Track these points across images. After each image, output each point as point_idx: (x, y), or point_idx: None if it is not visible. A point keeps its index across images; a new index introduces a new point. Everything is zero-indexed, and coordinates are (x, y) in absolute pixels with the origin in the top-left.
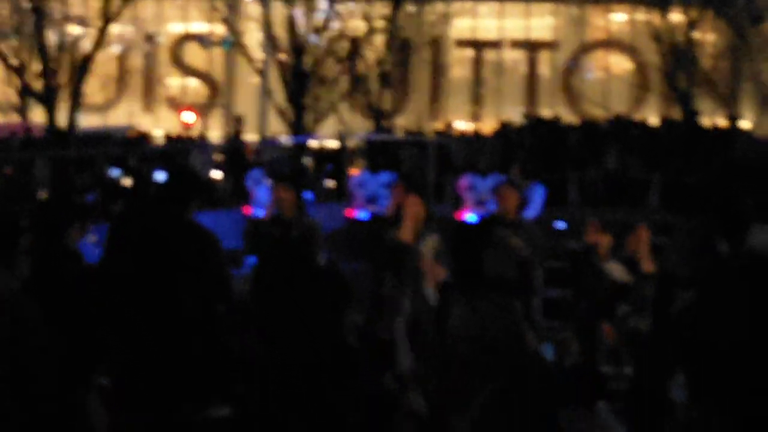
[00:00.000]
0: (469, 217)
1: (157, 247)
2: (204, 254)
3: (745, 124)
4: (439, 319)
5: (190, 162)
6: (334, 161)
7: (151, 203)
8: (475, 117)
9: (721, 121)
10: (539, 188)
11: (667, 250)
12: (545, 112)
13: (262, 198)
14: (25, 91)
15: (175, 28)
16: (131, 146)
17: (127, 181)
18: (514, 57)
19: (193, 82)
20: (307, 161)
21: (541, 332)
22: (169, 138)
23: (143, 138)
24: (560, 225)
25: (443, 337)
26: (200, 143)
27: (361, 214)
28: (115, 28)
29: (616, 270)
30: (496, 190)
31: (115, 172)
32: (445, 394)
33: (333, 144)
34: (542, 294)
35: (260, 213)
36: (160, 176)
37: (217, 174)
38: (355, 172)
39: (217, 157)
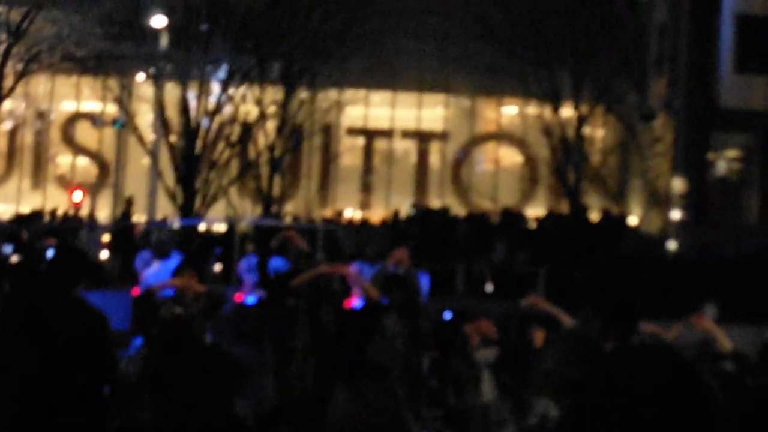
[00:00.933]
0: (357, 304)
1: (41, 325)
2: (91, 332)
3: (632, 220)
4: (318, 402)
5: (78, 241)
6: (222, 245)
7: (40, 280)
8: (365, 205)
9: (610, 215)
10: (424, 276)
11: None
12: (434, 202)
13: (150, 279)
14: None
15: (67, 106)
16: (23, 222)
17: (15, 258)
18: (405, 147)
19: (84, 161)
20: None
21: (425, 422)
22: (57, 216)
23: (36, 215)
24: (447, 315)
25: (322, 421)
26: (89, 223)
27: (249, 298)
28: (6, 104)
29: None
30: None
31: (6, 249)
32: None
33: (221, 228)
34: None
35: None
36: (50, 253)
37: (104, 254)
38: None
39: (105, 237)
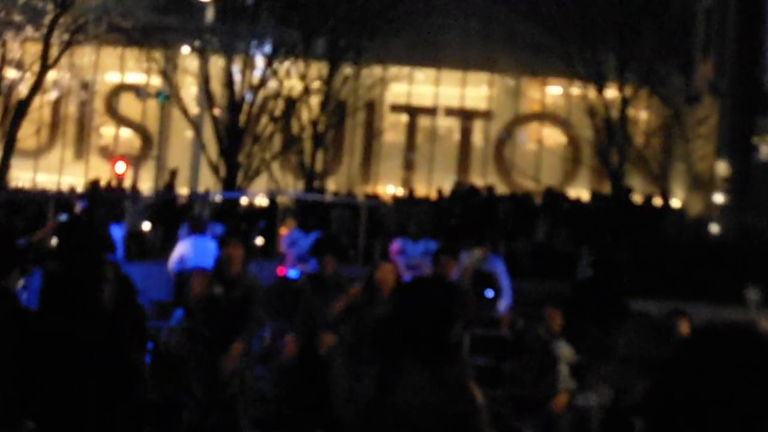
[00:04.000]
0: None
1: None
2: (124, 301)
3: (675, 202)
4: (379, 388)
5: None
6: (265, 219)
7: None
8: (407, 182)
9: (653, 199)
10: (499, 260)
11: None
12: (477, 181)
13: (185, 253)
14: None
15: (112, 77)
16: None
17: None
18: (448, 125)
19: (127, 133)
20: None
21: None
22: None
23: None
24: (489, 294)
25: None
26: (132, 194)
27: (291, 272)
28: (51, 75)
29: (565, 351)
30: (435, 258)
31: (63, 217)
32: None
33: (263, 202)
34: (469, 362)
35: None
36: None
37: (146, 226)
38: (285, 230)
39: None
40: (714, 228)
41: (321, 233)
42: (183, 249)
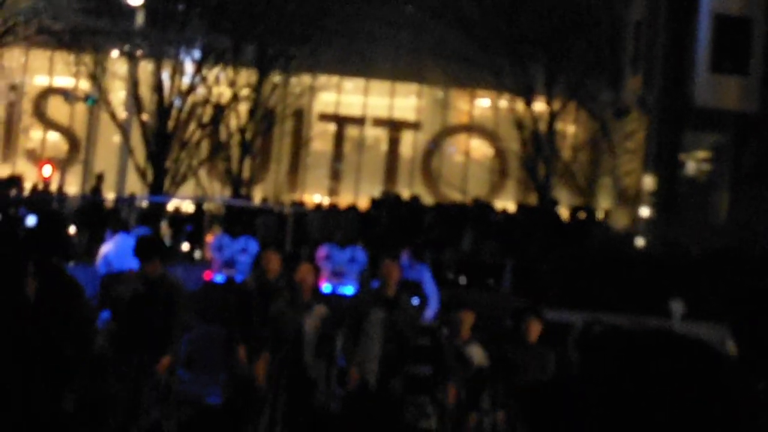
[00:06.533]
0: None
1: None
2: (68, 301)
3: (601, 216)
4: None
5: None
6: (191, 224)
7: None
8: (333, 192)
9: (579, 211)
10: (425, 268)
11: None
12: (404, 191)
13: (109, 254)
14: None
15: (40, 80)
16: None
17: None
18: (376, 135)
19: (54, 136)
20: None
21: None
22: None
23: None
24: (415, 301)
25: None
26: (58, 197)
27: (217, 277)
28: None
29: (476, 353)
30: (383, 266)
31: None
32: None
33: (190, 207)
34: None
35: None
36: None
37: (72, 229)
38: (211, 237)
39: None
40: (639, 241)
41: (249, 237)
42: (107, 248)
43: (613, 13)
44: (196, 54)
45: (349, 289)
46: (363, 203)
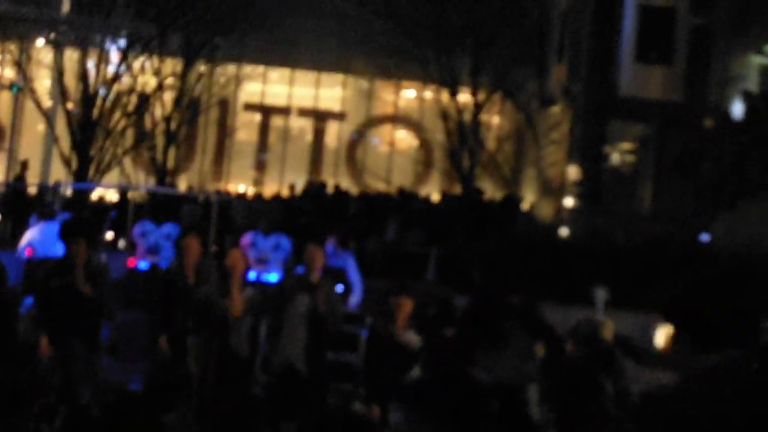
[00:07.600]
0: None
1: None
2: None
3: (525, 206)
4: None
5: None
6: (115, 212)
7: None
8: (258, 181)
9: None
10: (350, 256)
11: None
12: (329, 181)
13: (34, 240)
14: None
15: None
16: None
17: None
18: (301, 125)
19: None
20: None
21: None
22: None
23: None
24: (339, 288)
25: None
26: None
27: (141, 263)
28: None
29: (413, 341)
30: (306, 251)
31: None
32: None
33: (114, 195)
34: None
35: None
36: None
37: None
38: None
39: None
40: (564, 231)
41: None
42: (31, 235)
43: (540, 3)
44: (122, 42)
45: (273, 276)
46: (287, 193)
